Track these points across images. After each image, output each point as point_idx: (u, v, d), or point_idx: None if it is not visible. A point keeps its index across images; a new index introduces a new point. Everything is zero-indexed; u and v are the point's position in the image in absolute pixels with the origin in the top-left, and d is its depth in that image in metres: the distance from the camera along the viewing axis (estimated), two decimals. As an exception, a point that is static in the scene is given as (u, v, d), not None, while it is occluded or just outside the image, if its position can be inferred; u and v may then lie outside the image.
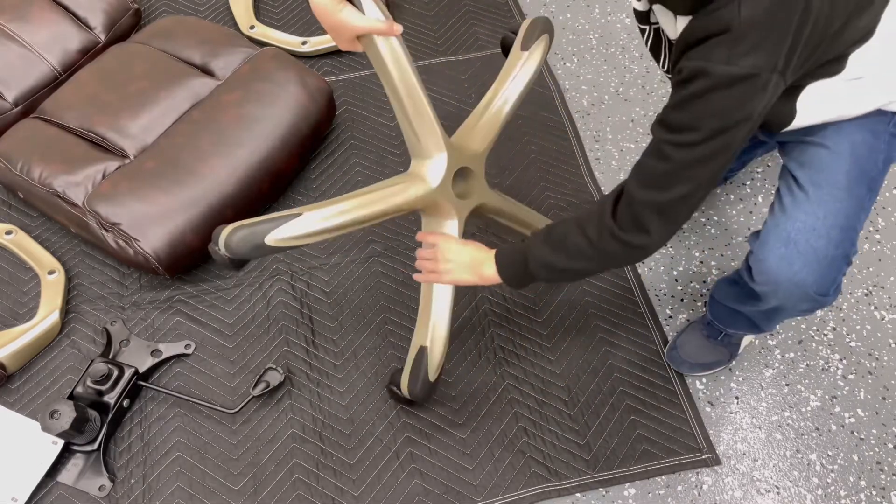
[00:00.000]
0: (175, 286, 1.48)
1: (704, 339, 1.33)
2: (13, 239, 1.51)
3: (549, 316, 1.43)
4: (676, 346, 1.35)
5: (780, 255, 1.01)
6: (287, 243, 1.08)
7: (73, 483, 1.25)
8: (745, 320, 1.22)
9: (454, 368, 1.37)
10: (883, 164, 1.02)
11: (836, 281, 1.03)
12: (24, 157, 1.47)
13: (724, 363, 1.35)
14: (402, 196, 1.15)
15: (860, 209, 1.01)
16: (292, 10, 1.93)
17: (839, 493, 1.24)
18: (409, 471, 1.27)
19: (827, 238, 0.99)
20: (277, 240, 1.07)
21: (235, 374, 1.37)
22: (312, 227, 1.09)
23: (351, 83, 1.79)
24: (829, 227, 0.99)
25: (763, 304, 1.12)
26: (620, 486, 1.25)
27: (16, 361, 1.36)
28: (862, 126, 1.01)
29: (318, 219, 1.10)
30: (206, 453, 1.29)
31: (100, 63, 1.62)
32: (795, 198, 1.02)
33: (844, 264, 1.02)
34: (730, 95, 0.82)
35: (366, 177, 1.63)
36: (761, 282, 1.07)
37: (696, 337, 1.33)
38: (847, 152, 1.01)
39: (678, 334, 1.36)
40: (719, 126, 0.84)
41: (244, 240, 1.06)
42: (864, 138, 1.01)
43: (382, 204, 1.14)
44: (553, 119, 1.72)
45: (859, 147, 1.01)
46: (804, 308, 1.08)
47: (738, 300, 1.19)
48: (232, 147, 1.48)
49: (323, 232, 1.10)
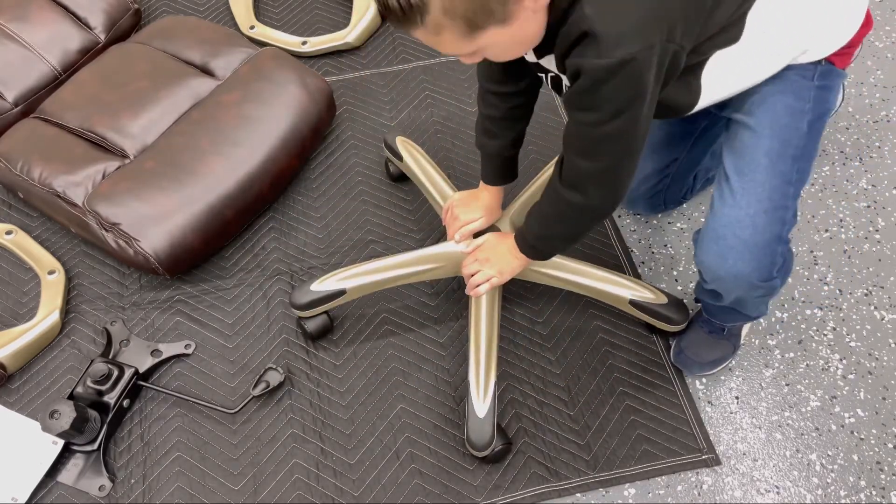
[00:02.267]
0: (175, 286, 1.48)
1: (707, 336, 1.32)
2: (13, 239, 1.51)
3: (549, 316, 1.43)
4: (682, 350, 1.33)
5: (714, 253, 1.07)
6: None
7: (73, 483, 1.25)
8: (733, 312, 1.24)
9: (454, 368, 1.37)
10: (809, 127, 1.04)
11: (776, 263, 1.07)
12: (24, 157, 1.47)
13: (731, 356, 1.35)
14: (432, 251, 1.34)
15: (786, 184, 1.04)
16: (292, 10, 1.93)
17: (839, 493, 1.24)
18: (410, 471, 1.27)
19: (752, 227, 1.03)
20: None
21: (235, 374, 1.37)
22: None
23: (351, 83, 1.79)
24: (753, 214, 1.03)
25: (724, 299, 1.16)
26: (620, 486, 1.25)
27: (16, 361, 1.36)
28: (784, 90, 1.03)
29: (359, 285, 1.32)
30: (206, 453, 1.29)
31: (100, 63, 1.62)
32: (722, 193, 1.07)
33: (778, 244, 1.05)
34: (614, 83, 0.85)
35: (366, 177, 1.63)
36: (710, 280, 1.12)
37: (699, 335, 1.33)
38: (767, 128, 1.04)
39: (680, 337, 1.36)
40: (615, 108, 0.89)
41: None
42: (786, 105, 1.03)
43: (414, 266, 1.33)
44: (553, 119, 1.72)
45: (781, 117, 1.03)
46: (759, 294, 1.12)
47: (711, 298, 1.20)
48: (232, 147, 1.48)
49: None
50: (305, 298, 1.32)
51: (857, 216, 1.56)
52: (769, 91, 1.04)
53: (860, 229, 1.54)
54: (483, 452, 1.20)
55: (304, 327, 1.36)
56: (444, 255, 1.33)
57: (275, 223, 1.57)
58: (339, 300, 1.33)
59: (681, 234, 1.54)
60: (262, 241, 1.54)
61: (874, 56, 1.82)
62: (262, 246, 1.53)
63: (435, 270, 1.34)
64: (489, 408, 1.19)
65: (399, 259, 1.33)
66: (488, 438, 1.19)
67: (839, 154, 1.66)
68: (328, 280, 1.32)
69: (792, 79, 1.03)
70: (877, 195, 1.59)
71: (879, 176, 1.62)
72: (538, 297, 1.45)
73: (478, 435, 1.19)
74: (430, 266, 1.33)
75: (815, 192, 1.60)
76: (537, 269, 1.32)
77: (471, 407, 1.20)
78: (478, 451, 1.20)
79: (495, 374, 1.22)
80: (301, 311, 1.33)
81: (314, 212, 1.58)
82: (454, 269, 1.34)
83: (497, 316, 1.28)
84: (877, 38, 1.86)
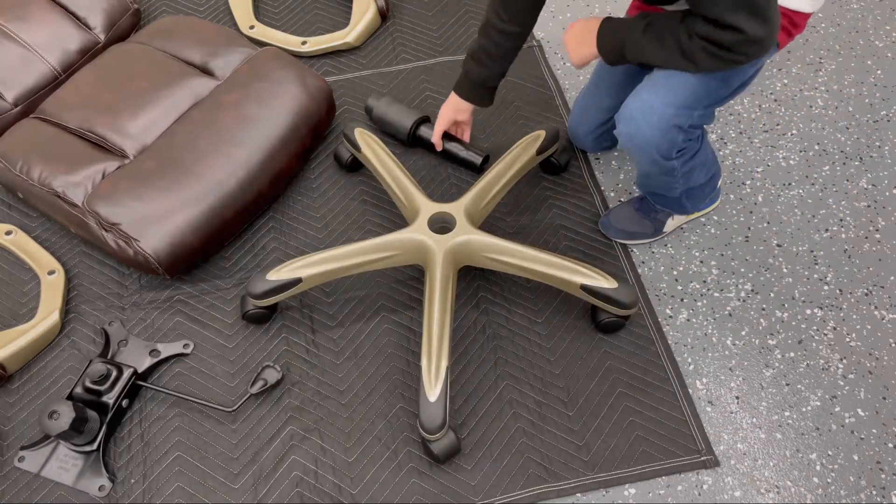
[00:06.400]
0: (175, 286, 1.48)
1: (635, 212, 1.50)
2: (13, 239, 1.51)
3: (549, 316, 1.43)
4: (609, 215, 1.52)
5: (626, 134, 1.23)
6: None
7: (73, 483, 1.25)
8: (662, 197, 1.43)
9: (453, 368, 1.37)
10: (744, 66, 1.18)
11: (675, 146, 1.22)
12: (24, 157, 1.47)
13: (648, 236, 1.51)
14: (386, 238, 1.35)
15: (704, 95, 1.18)
16: (292, 10, 1.93)
17: (839, 493, 1.24)
18: (408, 469, 1.27)
19: (660, 116, 1.18)
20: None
21: (235, 373, 1.37)
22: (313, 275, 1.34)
23: (351, 83, 1.79)
24: (664, 106, 1.17)
25: (639, 168, 1.35)
26: (621, 486, 1.25)
27: (16, 361, 1.36)
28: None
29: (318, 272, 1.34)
30: (206, 452, 1.29)
31: (99, 63, 1.62)
32: (646, 82, 1.21)
33: (679, 133, 1.20)
34: None
35: (367, 176, 1.63)
36: (626, 149, 1.27)
37: (629, 209, 1.51)
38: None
39: (614, 206, 1.54)
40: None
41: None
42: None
43: (374, 251, 1.35)
44: (553, 119, 1.71)
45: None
46: (662, 172, 1.29)
47: (639, 174, 1.38)
48: (232, 147, 1.48)
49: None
50: (262, 287, 1.33)
51: (857, 216, 1.56)
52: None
53: (860, 229, 1.54)
54: (435, 436, 1.21)
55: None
56: (401, 243, 1.34)
57: (275, 223, 1.57)
58: (296, 289, 1.34)
59: (681, 233, 1.54)
60: (262, 241, 1.54)
61: (874, 56, 1.82)
62: (262, 246, 1.53)
63: (392, 258, 1.35)
64: (440, 392, 1.20)
65: (356, 247, 1.34)
66: (440, 422, 1.20)
67: (839, 154, 1.66)
68: (284, 269, 1.33)
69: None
70: (877, 195, 1.59)
71: (879, 176, 1.62)
72: (538, 297, 1.45)
73: (429, 419, 1.20)
74: (387, 254, 1.34)
75: (815, 191, 1.60)
76: (489, 256, 1.33)
77: (423, 391, 1.21)
78: (429, 433, 1.21)
79: (447, 359, 1.22)
80: (257, 300, 1.34)
81: (314, 212, 1.58)
82: (412, 256, 1.35)
83: (451, 302, 1.29)
84: (877, 38, 1.86)
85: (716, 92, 1.20)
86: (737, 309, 1.44)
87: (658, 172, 1.31)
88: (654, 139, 1.20)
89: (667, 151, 1.23)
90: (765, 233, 1.54)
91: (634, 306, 1.32)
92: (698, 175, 1.36)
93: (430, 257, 1.32)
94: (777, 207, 1.58)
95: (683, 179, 1.34)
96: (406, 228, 1.36)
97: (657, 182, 1.36)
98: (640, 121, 1.20)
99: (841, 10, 1.93)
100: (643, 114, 1.19)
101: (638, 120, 1.20)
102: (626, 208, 1.51)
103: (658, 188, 1.39)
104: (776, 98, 1.76)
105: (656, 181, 1.36)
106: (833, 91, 1.77)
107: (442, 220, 1.37)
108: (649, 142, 1.21)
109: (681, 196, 1.40)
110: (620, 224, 1.50)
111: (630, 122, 1.21)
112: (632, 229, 1.50)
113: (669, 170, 1.29)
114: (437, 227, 1.37)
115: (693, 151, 1.29)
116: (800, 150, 1.66)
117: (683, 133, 1.21)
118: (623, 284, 1.30)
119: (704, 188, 1.43)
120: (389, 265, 1.37)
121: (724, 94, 1.22)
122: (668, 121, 1.18)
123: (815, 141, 1.68)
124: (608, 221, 1.51)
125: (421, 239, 1.33)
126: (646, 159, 1.26)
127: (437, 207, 1.37)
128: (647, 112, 1.19)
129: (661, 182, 1.36)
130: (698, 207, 1.49)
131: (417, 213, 1.37)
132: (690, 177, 1.35)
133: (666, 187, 1.38)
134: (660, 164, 1.27)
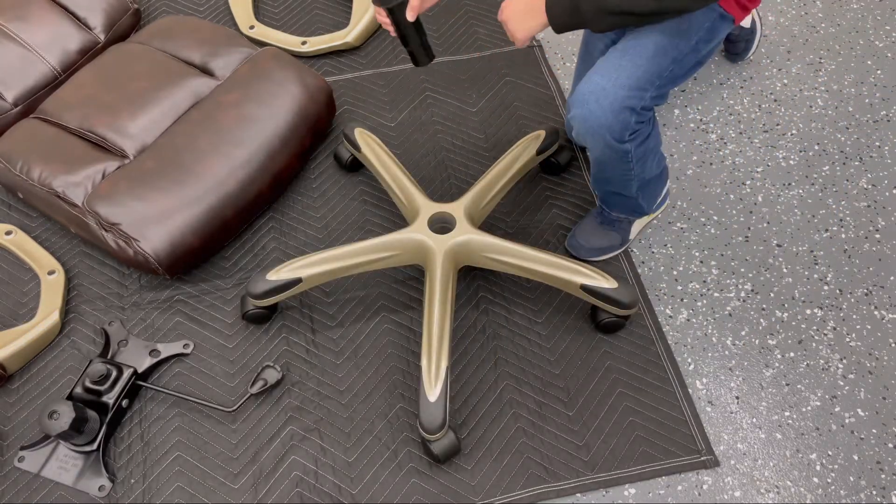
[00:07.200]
0: (175, 286, 1.48)
1: (598, 225, 1.48)
2: (13, 239, 1.51)
3: (549, 316, 1.43)
4: (574, 235, 1.50)
5: (579, 118, 1.22)
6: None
7: (73, 483, 1.25)
8: (619, 198, 1.41)
9: (453, 368, 1.37)
10: (696, 42, 1.20)
11: (628, 129, 1.21)
12: (24, 158, 1.48)
13: (618, 247, 1.50)
14: (386, 238, 1.35)
15: (657, 76, 1.19)
16: (292, 10, 1.93)
17: (839, 493, 1.24)
18: (408, 469, 1.27)
19: (612, 98, 1.17)
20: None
21: (235, 373, 1.37)
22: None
23: (351, 83, 1.79)
24: (616, 88, 1.17)
25: (593, 158, 1.32)
26: (621, 486, 1.25)
27: (15, 361, 1.36)
28: (708, 9, 1.19)
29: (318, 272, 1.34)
30: (206, 452, 1.29)
31: (99, 63, 1.62)
32: (605, 61, 1.21)
33: (631, 115, 1.19)
34: None
35: (367, 176, 1.63)
36: (576, 135, 1.25)
37: (592, 224, 1.49)
38: (667, 27, 1.19)
39: (576, 224, 1.52)
40: None
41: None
42: (688, 19, 1.18)
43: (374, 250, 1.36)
44: (553, 119, 1.71)
45: (680, 23, 1.18)
46: (615, 154, 1.26)
47: (594, 168, 1.36)
48: (232, 147, 1.48)
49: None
50: (262, 287, 1.33)
51: (857, 216, 1.56)
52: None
53: (860, 229, 1.54)
54: (435, 436, 1.21)
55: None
56: (401, 243, 1.34)
57: (275, 223, 1.57)
58: (296, 289, 1.34)
59: (681, 233, 1.54)
60: (262, 241, 1.54)
61: (874, 56, 1.82)
62: (262, 246, 1.53)
63: (392, 258, 1.35)
64: (440, 392, 1.20)
65: (356, 247, 1.34)
66: (440, 422, 1.20)
67: (839, 154, 1.66)
68: (284, 269, 1.33)
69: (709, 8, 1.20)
70: (877, 195, 1.59)
71: (879, 176, 1.62)
72: (538, 297, 1.45)
73: (429, 419, 1.20)
74: (387, 254, 1.34)
75: (815, 191, 1.60)
76: (489, 256, 1.33)
77: (423, 391, 1.21)
78: (429, 433, 1.21)
79: (447, 359, 1.22)
80: (257, 300, 1.34)
81: (314, 212, 1.58)
82: (412, 256, 1.35)
83: (451, 302, 1.29)
84: (877, 38, 1.86)
85: (669, 71, 1.20)
86: (737, 309, 1.44)
87: (613, 159, 1.29)
88: (607, 121, 1.20)
89: (619, 134, 1.22)
90: (765, 233, 1.54)
91: (634, 306, 1.32)
92: (651, 164, 1.34)
93: (430, 257, 1.32)
94: (777, 207, 1.58)
95: (639, 167, 1.32)
96: (406, 228, 1.36)
97: (613, 174, 1.34)
98: (593, 104, 1.19)
99: (841, 10, 1.93)
100: (595, 97, 1.19)
101: (590, 103, 1.19)
102: (590, 223, 1.49)
103: (615, 184, 1.37)
104: (776, 98, 1.76)
105: (612, 173, 1.34)
106: (833, 91, 1.77)
107: (442, 220, 1.37)
108: (602, 124, 1.20)
109: (637, 194, 1.39)
110: (588, 242, 1.48)
111: (583, 105, 1.21)
112: (601, 244, 1.48)
113: (623, 153, 1.27)
114: (437, 227, 1.37)
115: (645, 134, 1.27)
116: (800, 150, 1.66)
117: (636, 115, 1.21)
118: (623, 284, 1.30)
119: (658, 182, 1.42)
120: (389, 265, 1.37)
121: (678, 73, 1.22)
122: (621, 102, 1.18)
123: (815, 141, 1.68)
124: (576, 242, 1.49)
125: (421, 239, 1.34)
126: (599, 143, 1.25)
127: (437, 207, 1.37)
128: (599, 95, 1.19)
129: (617, 174, 1.33)
130: (652, 207, 1.48)
131: (417, 213, 1.37)
132: (645, 165, 1.33)
133: (622, 182, 1.35)
134: (613, 148, 1.25)
